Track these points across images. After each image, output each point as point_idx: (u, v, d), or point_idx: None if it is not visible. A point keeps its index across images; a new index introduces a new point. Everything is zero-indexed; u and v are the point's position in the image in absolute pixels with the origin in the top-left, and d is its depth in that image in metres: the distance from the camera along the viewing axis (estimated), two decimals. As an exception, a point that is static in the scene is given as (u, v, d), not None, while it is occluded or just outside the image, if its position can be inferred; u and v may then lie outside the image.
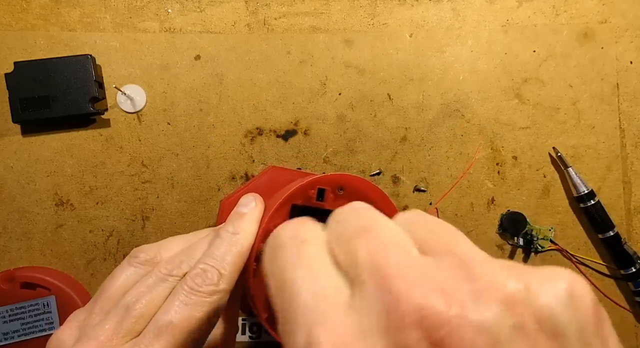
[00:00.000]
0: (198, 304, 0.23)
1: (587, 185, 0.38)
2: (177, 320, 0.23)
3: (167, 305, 0.23)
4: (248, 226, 0.27)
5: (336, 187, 0.28)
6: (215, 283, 0.24)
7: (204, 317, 0.23)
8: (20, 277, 0.37)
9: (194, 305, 0.23)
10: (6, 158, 0.39)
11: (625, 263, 0.39)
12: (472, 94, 0.40)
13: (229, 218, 0.28)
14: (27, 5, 0.40)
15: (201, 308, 0.23)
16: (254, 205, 0.28)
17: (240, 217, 0.27)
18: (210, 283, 0.24)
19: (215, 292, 0.24)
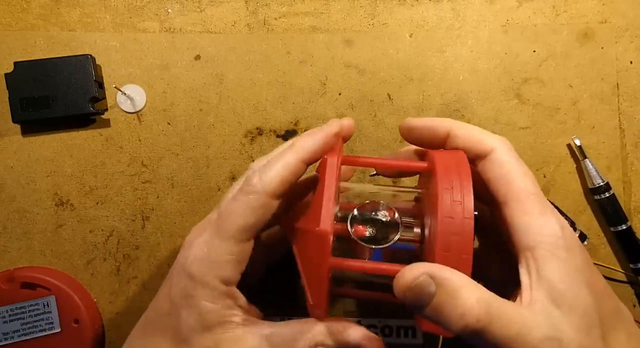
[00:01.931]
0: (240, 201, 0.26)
1: (604, 177, 0.39)
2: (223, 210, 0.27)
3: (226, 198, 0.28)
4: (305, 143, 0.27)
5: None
6: (253, 184, 0.26)
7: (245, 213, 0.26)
8: (20, 277, 0.37)
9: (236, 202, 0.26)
10: (6, 158, 0.39)
11: (637, 257, 0.39)
12: (472, 94, 0.40)
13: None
14: (27, 5, 0.40)
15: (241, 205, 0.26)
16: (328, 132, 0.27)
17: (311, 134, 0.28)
18: (248, 184, 0.26)
19: (251, 191, 0.26)
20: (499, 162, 0.25)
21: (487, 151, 0.26)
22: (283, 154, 0.27)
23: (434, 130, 0.28)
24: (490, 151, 0.26)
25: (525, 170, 0.25)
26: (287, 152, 0.27)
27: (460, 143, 0.27)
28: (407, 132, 0.29)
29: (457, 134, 0.27)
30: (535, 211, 0.24)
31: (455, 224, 0.22)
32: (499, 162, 0.25)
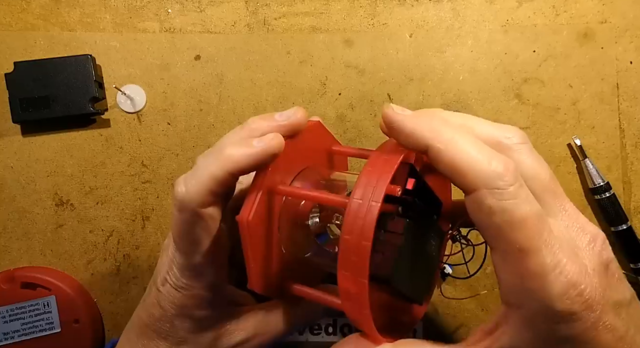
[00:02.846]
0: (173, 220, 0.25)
1: (604, 177, 0.39)
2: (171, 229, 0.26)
3: None
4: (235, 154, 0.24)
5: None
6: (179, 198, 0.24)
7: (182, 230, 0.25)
8: (20, 277, 0.37)
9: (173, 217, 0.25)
10: (6, 158, 0.39)
11: (637, 257, 0.39)
12: (472, 94, 0.40)
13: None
14: (27, 5, 0.40)
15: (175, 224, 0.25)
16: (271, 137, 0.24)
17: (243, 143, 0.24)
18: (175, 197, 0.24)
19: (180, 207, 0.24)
20: (483, 209, 0.20)
21: (470, 190, 0.20)
22: (210, 161, 0.24)
23: (409, 142, 0.22)
24: (473, 191, 0.20)
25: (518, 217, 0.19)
26: (215, 161, 0.24)
27: (440, 168, 0.21)
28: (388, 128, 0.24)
29: (435, 157, 0.21)
30: (523, 273, 0.20)
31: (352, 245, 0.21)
32: (482, 207, 0.20)
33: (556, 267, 0.19)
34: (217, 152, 0.24)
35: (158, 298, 0.27)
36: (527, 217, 0.20)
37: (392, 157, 0.22)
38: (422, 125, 0.22)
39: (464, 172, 0.20)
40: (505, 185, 0.20)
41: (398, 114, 0.23)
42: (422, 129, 0.22)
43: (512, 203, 0.19)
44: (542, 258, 0.19)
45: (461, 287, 0.40)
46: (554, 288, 0.19)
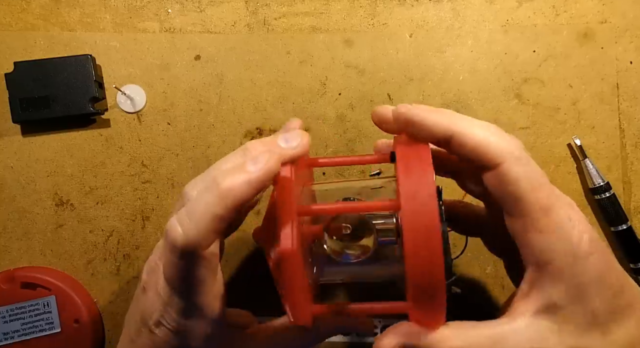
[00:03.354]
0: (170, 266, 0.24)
1: (604, 177, 0.39)
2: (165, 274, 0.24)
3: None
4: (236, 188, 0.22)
5: None
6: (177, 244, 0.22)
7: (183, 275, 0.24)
8: (20, 277, 0.37)
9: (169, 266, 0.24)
10: (6, 158, 0.39)
11: (637, 257, 0.39)
12: (472, 94, 0.40)
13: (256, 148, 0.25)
14: (27, 5, 0.40)
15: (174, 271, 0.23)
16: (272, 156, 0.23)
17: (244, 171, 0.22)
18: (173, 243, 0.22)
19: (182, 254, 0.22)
20: (509, 179, 0.23)
21: (495, 165, 0.23)
22: (208, 198, 0.22)
23: (433, 133, 0.24)
24: (498, 165, 0.23)
25: (536, 179, 0.23)
26: (212, 197, 0.22)
27: (463, 153, 0.24)
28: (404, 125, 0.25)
29: (461, 142, 0.24)
30: (549, 228, 0.23)
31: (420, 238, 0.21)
32: (508, 178, 0.23)
33: (570, 219, 0.23)
34: (213, 186, 0.22)
35: (153, 341, 0.26)
36: (543, 180, 0.23)
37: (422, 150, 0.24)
38: (442, 117, 0.24)
39: (489, 149, 0.23)
40: (523, 156, 0.23)
41: (416, 108, 0.24)
42: (442, 120, 0.24)
43: (533, 170, 0.23)
44: (560, 213, 0.23)
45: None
46: (575, 235, 0.23)
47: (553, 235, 0.23)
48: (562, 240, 0.23)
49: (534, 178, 0.23)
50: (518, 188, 0.23)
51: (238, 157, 0.25)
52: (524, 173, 0.23)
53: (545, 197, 0.23)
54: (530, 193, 0.23)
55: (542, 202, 0.23)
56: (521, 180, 0.23)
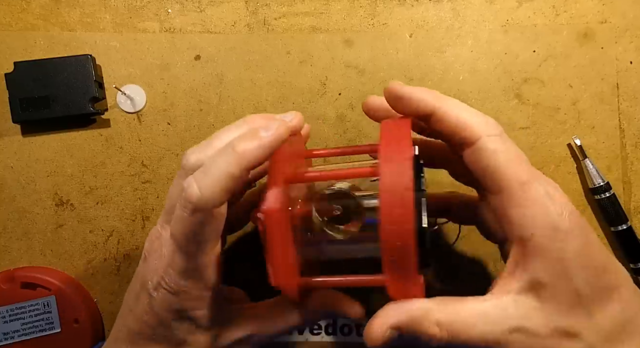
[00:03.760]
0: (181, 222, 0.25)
1: (604, 177, 0.39)
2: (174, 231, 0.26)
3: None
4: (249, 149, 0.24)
5: None
6: (194, 201, 0.23)
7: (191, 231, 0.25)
8: (20, 277, 0.37)
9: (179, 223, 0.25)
10: (6, 158, 0.39)
11: (637, 257, 0.39)
12: (472, 94, 0.40)
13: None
14: (27, 5, 0.40)
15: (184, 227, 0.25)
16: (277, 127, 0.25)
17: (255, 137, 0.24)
18: (189, 200, 0.24)
19: (194, 210, 0.24)
20: (486, 153, 0.24)
21: (473, 140, 0.24)
22: (224, 159, 0.24)
23: (418, 108, 0.26)
24: (476, 140, 0.24)
25: (515, 155, 0.24)
26: (228, 158, 0.24)
27: (444, 128, 0.25)
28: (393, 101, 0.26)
29: (442, 118, 0.25)
30: (528, 202, 0.23)
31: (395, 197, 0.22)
32: (486, 152, 0.24)
33: (548, 193, 0.24)
34: (229, 149, 0.24)
35: (151, 305, 0.27)
36: (521, 156, 0.24)
37: (402, 124, 0.25)
38: (427, 93, 0.26)
39: (468, 125, 0.24)
40: (500, 133, 0.24)
41: (403, 86, 0.26)
42: (427, 97, 0.25)
43: (509, 146, 0.24)
44: (539, 188, 0.23)
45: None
46: (554, 210, 0.23)
47: (532, 209, 0.23)
48: (542, 214, 0.23)
49: (512, 152, 0.24)
50: (495, 161, 0.24)
51: (241, 127, 0.26)
52: (501, 147, 0.24)
53: (523, 171, 0.24)
54: (508, 167, 0.24)
55: (520, 176, 0.23)
56: (498, 153, 0.24)
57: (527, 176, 0.24)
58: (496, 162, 0.24)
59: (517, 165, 0.24)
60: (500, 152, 0.24)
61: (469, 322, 0.23)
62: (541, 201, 0.23)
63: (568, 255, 0.23)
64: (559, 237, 0.23)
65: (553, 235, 0.23)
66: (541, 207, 0.23)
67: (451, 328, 0.23)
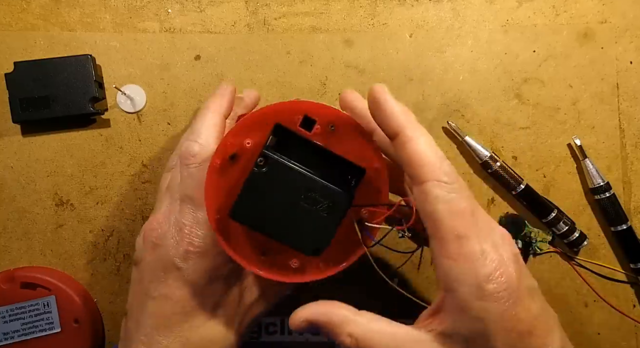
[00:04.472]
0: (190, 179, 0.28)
1: (604, 177, 0.39)
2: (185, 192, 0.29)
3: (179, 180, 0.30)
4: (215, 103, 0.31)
5: (328, 122, 0.27)
6: (198, 152, 0.28)
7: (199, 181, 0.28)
8: (20, 277, 0.37)
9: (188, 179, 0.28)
10: (6, 158, 0.39)
11: (637, 257, 0.39)
12: (472, 94, 0.40)
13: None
14: (27, 5, 0.40)
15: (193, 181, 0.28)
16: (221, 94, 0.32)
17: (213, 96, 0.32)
18: (193, 154, 0.28)
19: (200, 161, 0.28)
20: (429, 198, 0.23)
21: (421, 180, 0.24)
22: (206, 116, 0.30)
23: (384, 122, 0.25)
24: (424, 182, 0.24)
25: (458, 207, 0.23)
26: (209, 114, 0.30)
27: (402, 155, 0.25)
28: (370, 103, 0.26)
29: (403, 143, 0.24)
30: (459, 257, 0.23)
31: None
32: (429, 197, 0.23)
33: (483, 253, 0.23)
34: (205, 110, 0.31)
35: (183, 277, 0.28)
36: (465, 209, 0.24)
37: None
38: (400, 112, 0.25)
39: (422, 164, 0.24)
40: (451, 181, 0.24)
41: (386, 92, 0.26)
42: (399, 115, 0.25)
43: (455, 197, 0.23)
44: (474, 245, 0.23)
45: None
46: (483, 271, 0.23)
47: (462, 265, 0.23)
48: (470, 272, 0.23)
49: (455, 204, 0.23)
50: (436, 210, 0.23)
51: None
52: (446, 197, 0.23)
53: (462, 225, 0.23)
54: (447, 218, 0.23)
55: (457, 230, 0.23)
56: (440, 203, 0.23)
57: (465, 231, 0.23)
58: (436, 211, 0.23)
59: (457, 218, 0.23)
60: (443, 201, 0.23)
61: (379, 341, 0.24)
62: (472, 259, 0.23)
63: (490, 316, 0.23)
64: (483, 297, 0.22)
65: (477, 294, 0.23)
66: (471, 265, 0.23)
67: (361, 342, 0.25)
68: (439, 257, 0.24)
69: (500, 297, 0.23)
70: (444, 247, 0.23)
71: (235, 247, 0.28)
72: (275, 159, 0.25)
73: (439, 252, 0.24)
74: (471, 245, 0.23)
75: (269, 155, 0.25)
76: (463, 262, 0.23)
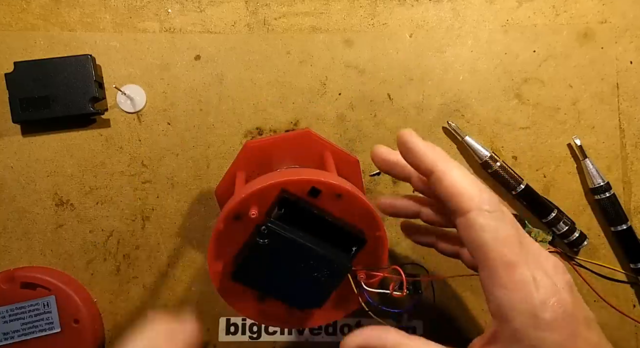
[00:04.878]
0: None
1: (604, 177, 0.39)
2: None
3: None
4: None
5: (334, 193, 0.27)
6: None
7: None
8: (20, 277, 0.37)
9: None
10: (6, 158, 0.39)
11: (637, 257, 0.39)
12: (472, 94, 0.40)
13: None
14: (27, 5, 0.40)
15: None
16: None
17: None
18: None
19: None
20: (474, 228, 0.23)
21: (464, 211, 0.24)
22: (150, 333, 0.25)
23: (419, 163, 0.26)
24: (466, 212, 0.24)
25: (504, 234, 0.23)
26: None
27: (440, 191, 0.25)
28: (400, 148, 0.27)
29: (439, 179, 0.25)
30: (510, 285, 0.23)
31: None
32: (474, 227, 0.23)
33: (535, 280, 0.23)
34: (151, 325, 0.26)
35: None
36: (512, 236, 0.23)
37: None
38: (430, 150, 0.26)
39: (461, 195, 0.24)
40: (493, 209, 0.24)
41: (415, 136, 0.26)
42: (429, 154, 0.26)
43: (499, 224, 0.23)
44: (525, 272, 0.23)
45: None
46: (537, 298, 0.22)
47: (515, 294, 0.22)
48: (524, 300, 0.22)
49: (502, 231, 0.23)
50: (482, 238, 0.23)
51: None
52: (490, 225, 0.23)
53: (510, 252, 0.23)
54: (495, 246, 0.23)
55: (507, 258, 0.23)
56: (486, 231, 0.23)
57: (514, 258, 0.23)
58: (482, 239, 0.23)
59: (505, 246, 0.23)
60: (488, 230, 0.23)
61: None
62: (525, 286, 0.22)
63: (547, 346, 0.22)
64: (539, 326, 0.22)
65: (533, 324, 0.22)
66: (524, 293, 0.22)
67: None
68: (489, 286, 0.23)
69: (558, 327, 0.22)
70: (494, 276, 0.23)
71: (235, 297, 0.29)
72: (277, 233, 0.26)
73: (490, 281, 0.23)
74: (522, 273, 0.23)
75: (272, 228, 0.25)
76: (515, 290, 0.22)
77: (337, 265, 0.27)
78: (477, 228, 0.23)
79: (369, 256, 0.28)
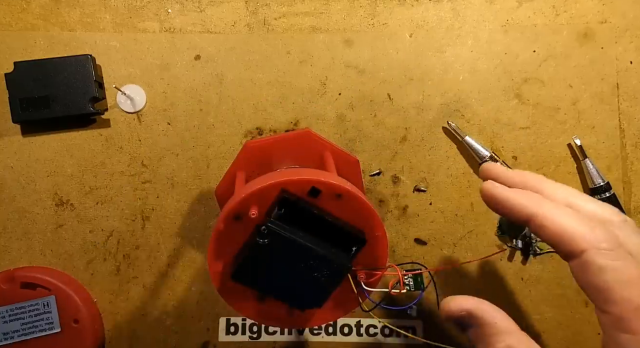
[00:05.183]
0: None
1: (604, 177, 0.39)
2: None
3: None
4: None
5: (334, 193, 0.27)
6: None
7: None
8: (20, 277, 0.37)
9: None
10: (6, 158, 0.39)
11: None
12: (472, 94, 0.40)
13: None
14: (27, 5, 0.40)
15: None
16: None
17: None
18: None
19: None
20: (592, 269, 0.21)
21: (577, 253, 0.22)
22: None
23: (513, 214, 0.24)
24: (581, 253, 0.22)
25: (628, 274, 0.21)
26: None
27: (544, 237, 0.23)
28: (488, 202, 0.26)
29: (540, 226, 0.23)
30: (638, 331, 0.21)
31: None
32: (592, 268, 0.21)
33: None
34: None
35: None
36: (637, 277, 0.21)
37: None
38: (524, 198, 0.24)
39: (570, 237, 0.22)
40: (611, 247, 0.21)
41: (497, 187, 0.25)
42: (523, 202, 0.24)
43: (621, 264, 0.21)
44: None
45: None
46: None
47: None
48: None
49: (625, 272, 0.21)
50: (603, 280, 0.21)
51: None
52: (610, 265, 0.21)
53: (638, 294, 0.21)
54: (619, 288, 0.21)
55: (635, 301, 0.21)
56: (606, 273, 0.21)
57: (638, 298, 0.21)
58: (603, 281, 0.21)
59: (630, 287, 0.21)
60: (609, 270, 0.21)
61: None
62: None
63: None
64: None
65: None
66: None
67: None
68: (612, 330, 0.21)
69: None
70: (622, 321, 0.21)
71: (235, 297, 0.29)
72: (277, 233, 0.26)
73: (614, 325, 0.21)
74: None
75: (272, 228, 0.25)
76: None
77: (337, 265, 0.27)
78: (595, 270, 0.21)
79: (369, 256, 0.28)
